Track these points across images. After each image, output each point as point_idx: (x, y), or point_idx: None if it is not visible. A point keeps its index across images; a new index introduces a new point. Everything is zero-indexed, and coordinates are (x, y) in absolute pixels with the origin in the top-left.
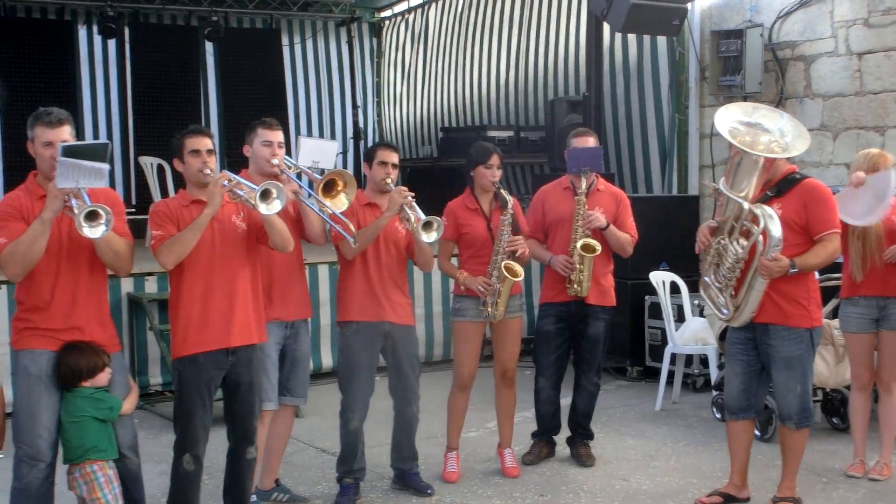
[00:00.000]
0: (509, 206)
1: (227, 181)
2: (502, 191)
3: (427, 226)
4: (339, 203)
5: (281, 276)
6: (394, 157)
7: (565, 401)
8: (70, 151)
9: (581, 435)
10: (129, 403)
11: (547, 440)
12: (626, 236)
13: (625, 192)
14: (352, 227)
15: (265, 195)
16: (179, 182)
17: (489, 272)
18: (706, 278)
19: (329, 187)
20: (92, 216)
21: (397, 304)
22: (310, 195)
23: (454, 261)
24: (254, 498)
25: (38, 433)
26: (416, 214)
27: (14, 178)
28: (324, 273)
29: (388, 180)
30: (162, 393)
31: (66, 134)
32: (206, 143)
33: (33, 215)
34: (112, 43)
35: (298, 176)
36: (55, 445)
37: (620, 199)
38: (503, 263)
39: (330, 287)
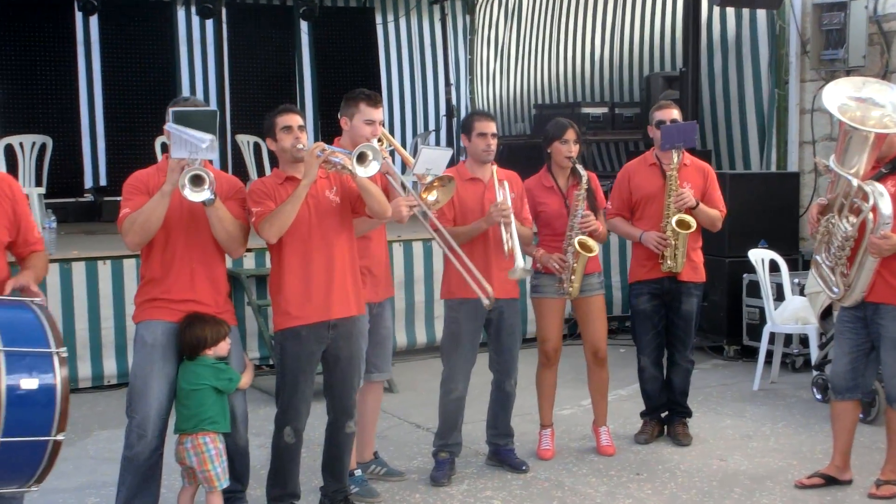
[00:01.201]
0: (583, 181)
1: (321, 151)
2: (578, 166)
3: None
4: (432, 195)
5: (375, 255)
6: (492, 127)
7: None
8: (179, 117)
9: (679, 413)
10: (246, 378)
11: (658, 419)
12: (716, 212)
13: (712, 167)
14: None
15: (361, 158)
16: (275, 161)
17: (564, 249)
18: (817, 257)
19: (427, 185)
20: (197, 180)
21: (501, 275)
22: (404, 187)
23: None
24: (359, 472)
25: (149, 403)
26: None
27: (117, 156)
28: (418, 249)
29: (489, 151)
30: (260, 367)
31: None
32: (297, 120)
33: (157, 190)
34: (209, 23)
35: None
36: (166, 417)
37: (707, 174)
38: (577, 240)
39: (424, 263)
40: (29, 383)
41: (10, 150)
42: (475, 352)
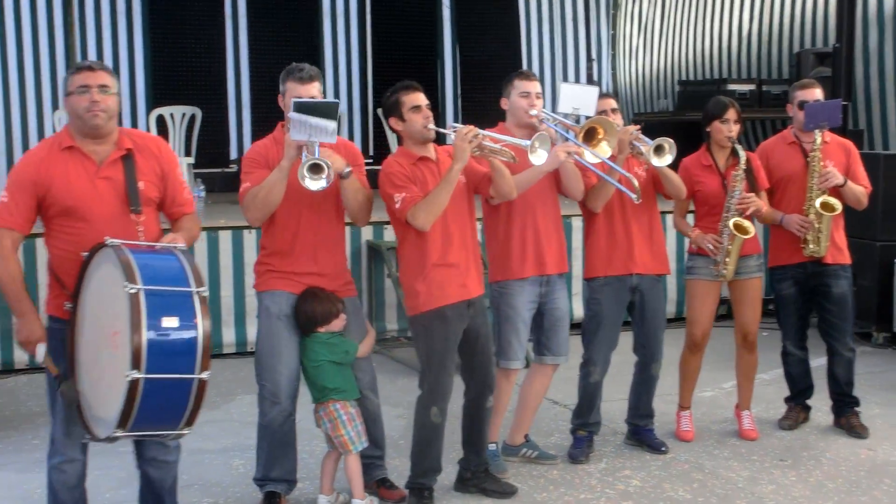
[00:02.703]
0: (742, 161)
1: (473, 136)
2: (738, 146)
3: (659, 150)
4: (602, 151)
5: (537, 229)
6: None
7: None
8: (301, 107)
9: (848, 404)
10: (365, 346)
11: (802, 405)
12: (861, 189)
13: (854, 144)
14: (635, 182)
15: (531, 148)
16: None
17: (720, 230)
18: None
19: (589, 135)
20: (315, 168)
21: (646, 252)
22: (577, 145)
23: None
24: (492, 446)
25: (278, 370)
26: (645, 143)
27: (262, 127)
28: (577, 223)
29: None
30: (398, 339)
31: (315, 90)
32: (424, 98)
33: (277, 162)
34: None
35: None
36: (295, 384)
37: (850, 151)
38: (733, 221)
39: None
40: (170, 321)
41: (161, 121)
42: (617, 334)
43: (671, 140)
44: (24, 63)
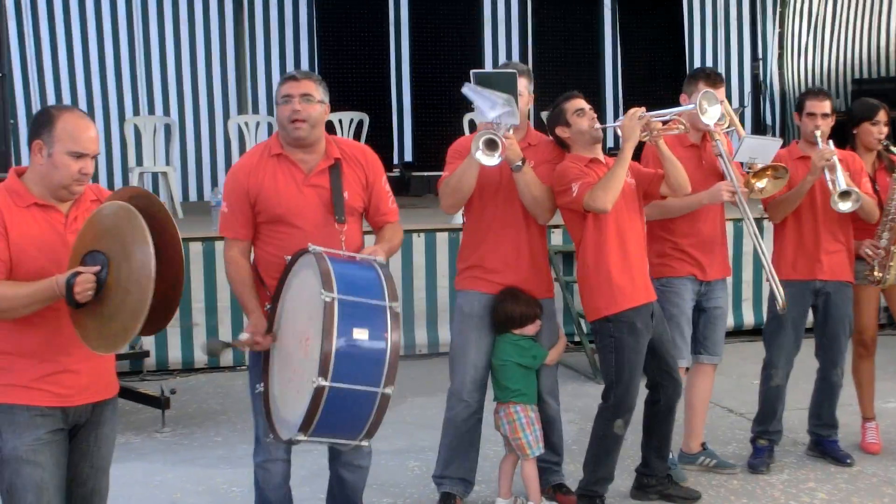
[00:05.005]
0: None
1: (641, 114)
2: (892, 148)
3: (844, 195)
4: (761, 184)
5: (702, 233)
6: (824, 107)
7: None
8: (479, 79)
9: None
10: (554, 353)
11: None
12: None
13: None
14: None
15: (701, 109)
16: None
17: (877, 234)
18: None
19: (759, 170)
20: (490, 144)
21: (833, 256)
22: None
23: None
24: (671, 456)
25: (465, 369)
26: (836, 179)
27: (423, 133)
28: (727, 229)
29: (818, 133)
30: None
31: (522, 86)
32: (586, 103)
33: None
34: (515, 4)
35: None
36: (483, 384)
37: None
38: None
39: (733, 243)
40: (360, 333)
41: (330, 127)
42: (799, 338)
43: (858, 192)
44: (198, 72)
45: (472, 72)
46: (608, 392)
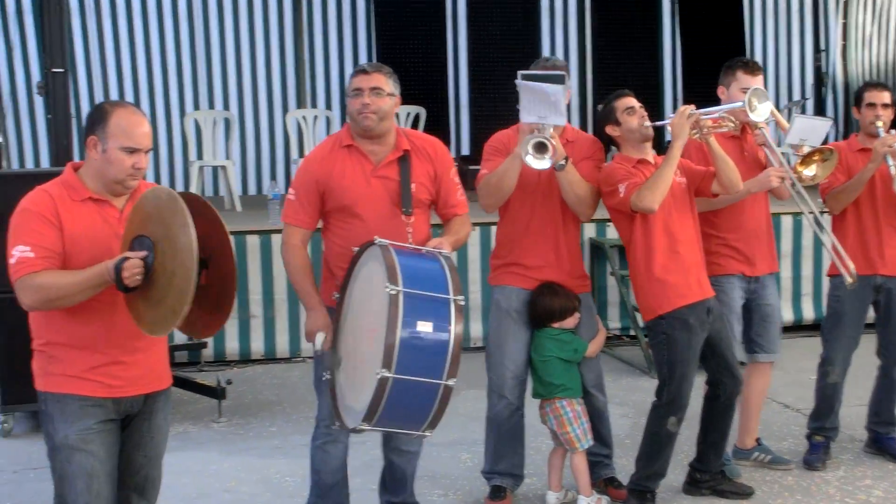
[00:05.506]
0: None
1: (691, 111)
2: None
3: None
4: (810, 171)
5: (747, 227)
6: (883, 97)
7: None
8: (529, 77)
9: None
10: (595, 345)
11: None
12: None
13: None
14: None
15: (749, 104)
16: None
17: None
18: None
19: (805, 157)
20: (540, 147)
21: (895, 250)
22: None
23: None
24: (726, 452)
25: (504, 365)
26: None
27: (480, 126)
28: (787, 223)
29: (879, 124)
30: (619, 337)
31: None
32: (636, 101)
33: None
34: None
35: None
36: (522, 379)
37: None
38: None
39: (793, 237)
40: (424, 325)
41: None
42: (858, 333)
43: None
44: (257, 67)
45: (520, 73)
46: (661, 389)
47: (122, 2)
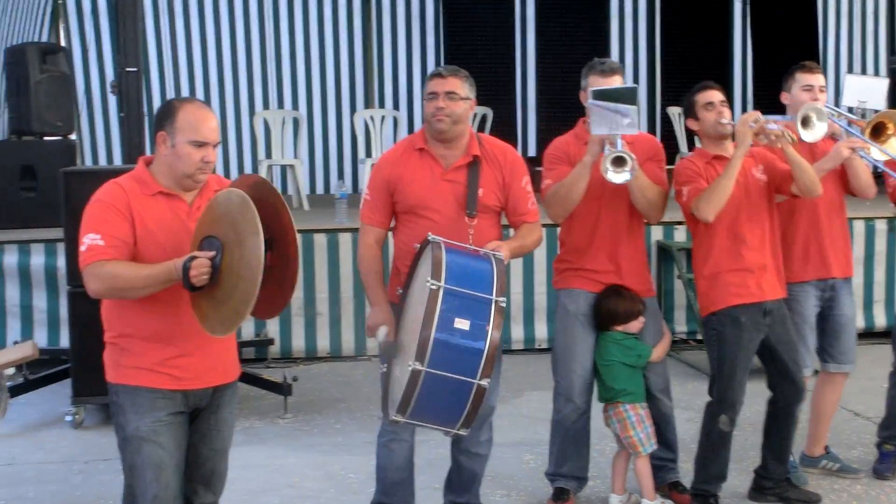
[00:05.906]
0: None
1: (754, 121)
2: None
3: None
4: (891, 148)
5: (820, 230)
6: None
7: None
8: (600, 95)
9: None
10: (659, 350)
11: None
12: None
13: None
14: None
15: (805, 122)
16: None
17: None
18: None
19: (877, 130)
20: (619, 161)
21: None
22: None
23: None
24: (792, 459)
25: (572, 368)
26: None
27: (547, 128)
28: (859, 228)
29: None
30: (687, 341)
31: (617, 84)
32: (718, 95)
33: (578, 158)
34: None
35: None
36: (589, 383)
37: None
38: None
39: (865, 242)
40: (461, 323)
41: None
42: None
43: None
44: (325, 67)
45: (591, 90)
46: (711, 386)
47: (195, 3)
